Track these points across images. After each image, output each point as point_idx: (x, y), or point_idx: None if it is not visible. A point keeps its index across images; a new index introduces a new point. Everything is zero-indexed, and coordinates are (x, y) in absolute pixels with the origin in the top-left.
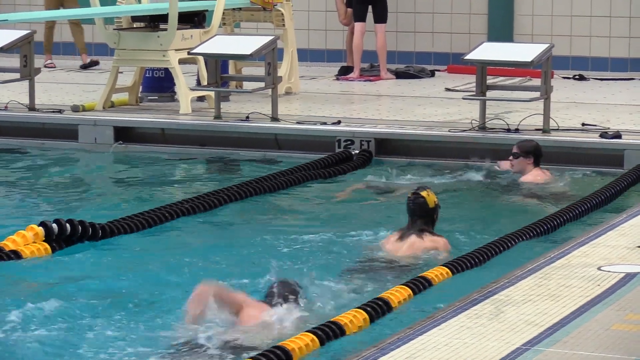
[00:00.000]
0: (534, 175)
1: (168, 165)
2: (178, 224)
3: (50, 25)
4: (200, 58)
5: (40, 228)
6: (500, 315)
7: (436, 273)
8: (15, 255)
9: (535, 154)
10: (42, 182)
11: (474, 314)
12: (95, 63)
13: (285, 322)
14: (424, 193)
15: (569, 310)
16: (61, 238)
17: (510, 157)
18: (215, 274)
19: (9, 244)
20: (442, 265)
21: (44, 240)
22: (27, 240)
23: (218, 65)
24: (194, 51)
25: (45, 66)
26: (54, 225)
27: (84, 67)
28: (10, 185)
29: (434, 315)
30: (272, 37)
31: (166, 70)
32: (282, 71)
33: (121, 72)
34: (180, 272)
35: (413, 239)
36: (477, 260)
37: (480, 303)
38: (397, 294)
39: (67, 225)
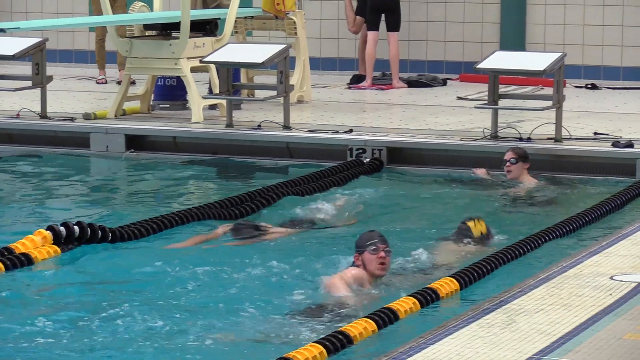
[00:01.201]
0: (532, 181)
1: (179, 173)
2: (187, 229)
3: (101, 37)
4: (212, 66)
5: (48, 232)
6: (513, 325)
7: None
8: (26, 258)
9: (529, 158)
10: (54, 189)
11: (486, 323)
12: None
13: None
14: (469, 223)
15: (581, 320)
16: (70, 241)
17: (508, 164)
18: (227, 278)
19: (19, 247)
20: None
21: (53, 243)
22: (36, 244)
23: (230, 73)
24: (206, 59)
25: (96, 82)
26: (62, 229)
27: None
28: (22, 191)
29: (446, 325)
30: (284, 45)
31: (178, 78)
32: (294, 79)
33: (133, 82)
34: (189, 276)
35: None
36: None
37: (492, 312)
38: (403, 304)
39: (75, 227)
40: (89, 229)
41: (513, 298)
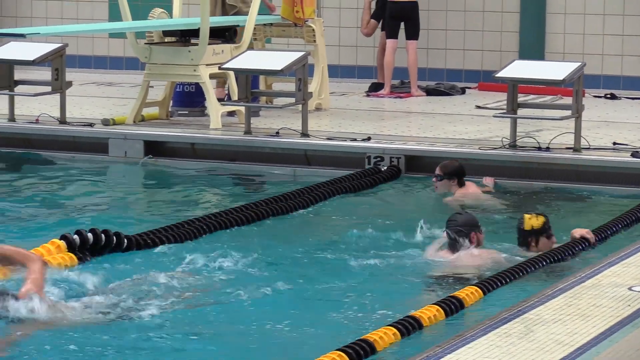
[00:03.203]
0: (461, 194)
1: (197, 179)
2: (208, 238)
3: None
4: (231, 73)
5: (62, 241)
6: (530, 335)
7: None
8: None
9: (458, 174)
10: (72, 194)
11: (503, 332)
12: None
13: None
14: (526, 216)
15: (599, 331)
16: (84, 248)
17: (434, 179)
18: (242, 287)
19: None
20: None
21: (68, 251)
22: (52, 253)
23: (249, 80)
24: (225, 66)
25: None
26: (75, 237)
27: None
28: (40, 197)
29: (464, 334)
30: (303, 53)
31: (197, 85)
32: (312, 87)
33: (152, 87)
34: (207, 285)
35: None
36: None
37: (510, 322)
38: (427, 312)
39: (89, 234)
40: (103, 236)
41: (531, 308)
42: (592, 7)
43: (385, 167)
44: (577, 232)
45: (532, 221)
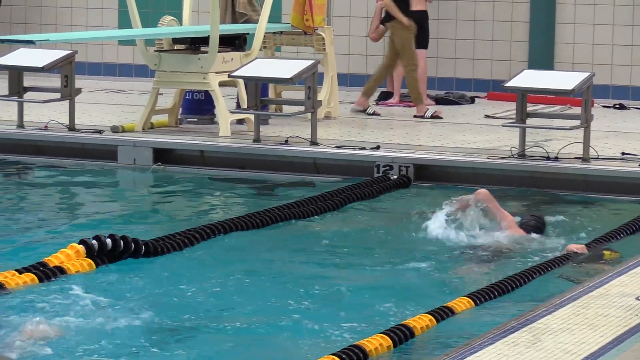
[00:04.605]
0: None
1: (206, 187)
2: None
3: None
4: (241, 81)
5: (81, 246)
6: (538, 344)
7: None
8: (60, 271)
9: None
10: (81, 201)
11: (511, 342)
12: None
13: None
14: (606, 252)
15: (607, 340)
16: (103, 254)
17: None
18: (261, 291)
19: (54, 261)
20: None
21: (87, 257)
22: (71, 258)
23: (258, 88)
24: (235, 74)
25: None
26: (94, 242)
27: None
28: (49, 203)
29: (471, 343)
30: (313, 61)
31: (206, 92)
32: (321, 95)
33: (161, 94)
34: (220, 290)
35: None
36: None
37: (518, 331)
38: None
39: (108, 240)
40: (122, 242)
41: (539, 317)
42: (601, 17)
43: (395, 177)
44: (572, 248)
45: (611, 257)
